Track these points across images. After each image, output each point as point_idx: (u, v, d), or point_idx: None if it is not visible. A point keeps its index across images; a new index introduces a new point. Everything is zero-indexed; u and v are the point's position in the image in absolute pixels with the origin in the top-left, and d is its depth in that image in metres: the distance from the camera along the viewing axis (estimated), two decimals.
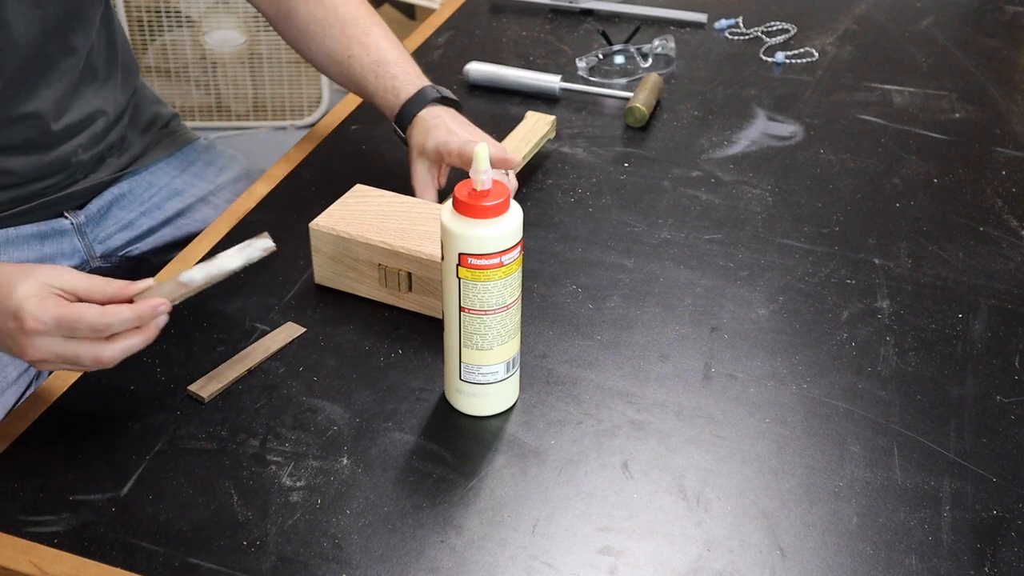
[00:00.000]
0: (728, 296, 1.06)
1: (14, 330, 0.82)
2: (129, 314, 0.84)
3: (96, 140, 1.19)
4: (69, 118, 1.15)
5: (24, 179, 1.14)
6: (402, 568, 0.79)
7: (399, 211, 1.04)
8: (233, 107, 2.81)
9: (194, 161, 1.35)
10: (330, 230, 1.02)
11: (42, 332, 0.82)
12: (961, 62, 1.51)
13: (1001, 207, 1.20)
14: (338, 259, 1.03)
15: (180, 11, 2.66)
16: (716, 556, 0.81)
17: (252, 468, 0.87)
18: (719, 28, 1.60)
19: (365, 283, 1.03)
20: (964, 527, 0.83)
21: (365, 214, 1.04)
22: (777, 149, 1.30)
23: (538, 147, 1.25)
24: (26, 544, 0.81)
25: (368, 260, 1.01)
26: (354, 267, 1.03)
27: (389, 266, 1.00)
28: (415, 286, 1.00)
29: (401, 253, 0.99)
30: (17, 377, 1.11)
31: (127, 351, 0.85)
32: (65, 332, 0.82)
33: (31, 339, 0.82)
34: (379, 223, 1.02)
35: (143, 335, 0.85)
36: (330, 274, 1.05)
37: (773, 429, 0.91)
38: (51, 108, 1.12)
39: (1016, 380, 0.96)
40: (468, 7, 1.65)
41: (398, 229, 1.01)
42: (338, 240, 1.02)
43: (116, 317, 0.83)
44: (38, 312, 0.81)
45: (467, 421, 0.92)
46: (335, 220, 1.03)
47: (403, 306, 1.02)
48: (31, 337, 0.82)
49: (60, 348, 0.83)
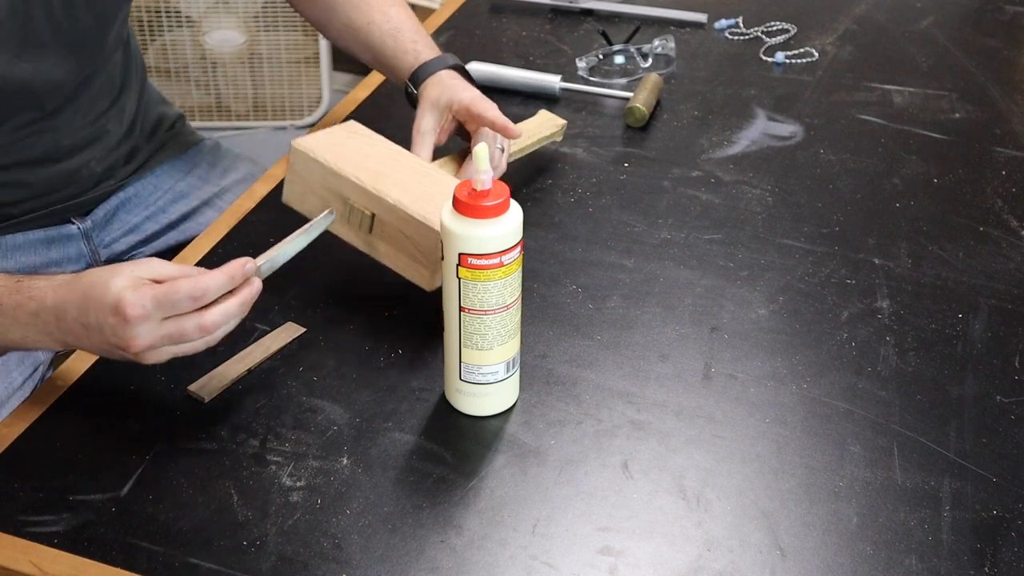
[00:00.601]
0: (728, 296, 1.06)
1: (117, 324, 0.82)
2: (220, 276, 0.84)
3: (109, 152, 1.20)
4: (86, 132, 1.15)
5: (38, 192, 1.14)
6: (402, 568, 0.79)
7: (382, 154, 1.04)
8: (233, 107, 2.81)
9: (199, 163, 1.35)
10: (309, 152, 1.01)
11: (143, 317, 0.82)
12: (961, 62, 1.51)
13: (1001, 207, 1.20)
14: (309, 183, 1.02)
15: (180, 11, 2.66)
16: (716, 556, 0.81)
17: (252, 468, 0.87)
18: (719, 28, 1.60)
19: None
20: (964, 527, 0.83)
21: (348, 148, 1.03)
22: (777, 149, 1.30)
23: (539, 145, 1.24)
24: (26, 544, 0.81)
25: (337, 192, 1.00)
26: (322, 196, 1.02)
27: (355, 203, 0.99)
28: (376, 229, 0.99)
29: (370, 192, 0.98)
30: (22, 382, 1.12)
31: (227, 315, 0.85)
32: (165, 311, 0.82)
33: (134, 328, 0.82)
34: (359, 159, 1.01)
35: (238, 299, 0.85)
36: (298, 196, 1.04)
37: (773, 429, 0.91)
38: (71, 124, 1.13)
39: (1016, 380, 0.96)
40: (468, 7, 1.65)
41: (375, 170, 1.00)
42: (314, 164, 1.01)
43: (210, 280, 0.83)
44: (136, 299, 0.82)
45: (467, 421, 0.92)
46: (318, 144, 1.02)
47: (358, 246, 1.01)
48: (134, 325, 0.82)
49: (164, 329, 0.83)
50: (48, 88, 1.07)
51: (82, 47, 1.09)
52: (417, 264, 0.98)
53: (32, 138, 1.09)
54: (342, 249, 1.11)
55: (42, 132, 1.10)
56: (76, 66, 1.09)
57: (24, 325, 0.88)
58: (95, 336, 0.85)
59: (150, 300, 0.82)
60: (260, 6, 2.67)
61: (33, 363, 1.14)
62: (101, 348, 0.86)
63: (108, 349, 0.85)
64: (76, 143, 1.14)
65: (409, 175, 1.01)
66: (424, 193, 0.99)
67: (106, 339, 0.84)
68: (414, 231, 0.96)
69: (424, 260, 0.97)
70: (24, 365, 1.13)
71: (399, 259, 0.99)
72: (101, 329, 0.84)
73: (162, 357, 0.85)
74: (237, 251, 1.09)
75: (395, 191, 0.98)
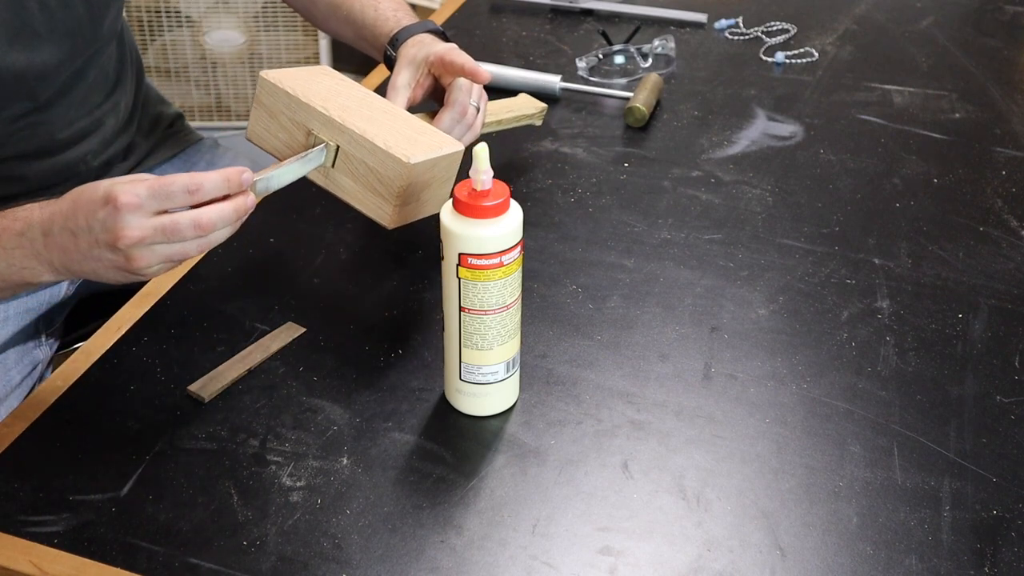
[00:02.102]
0: (728, 296, 1.06)
1: (107, 217, 0.79)
2: (217, 175, 0.82)
3: (105, 145, 1.20)
4: (81, 124, 1.15)
5: (34, 187, 1.14)
6: (402, 568, 0.79)
7: (353, 94, 1.03)
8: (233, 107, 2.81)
9: (197, 162, 1.35)
10: (277, 83, 0.99)
11: (135, 206, 0.79)
12: (961, 62, 1.51)
13: (1001, 207, 1.20)
14: (275, 115, 1.00)
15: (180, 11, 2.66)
16: (716, 556, 0.81)
17: (252, 468, 0.87)
18: (719, 28, 1.60)
19: (293, 148, 1.00)
20: (964, 527, 0.83)
21: (319, 85, 1.02)
22: (777, 149, 1.30)
23: (515, 123, 1.24)
24: (26, 544, 0.81)
25: (302, 123, 0.98)
26: (287, 128, 0.99)
27: (320, 134, 0.97)
28: (339, 163, 0.97)
29: (336, 123, 0.96)
30: (20, 381, 1.12)
31: (222, 216, 0.82)
32: (159, 201, 0.80)
33: (125, 216, 0.79)
34: (328, 95, 1.00)
35: (232, 203, 0.83)
36: (262, 130, 1.02)
37: (773, 429, 0.91)
38: (65, 116, 1.13)
39: (1016, 380, 0.96)
40: (468, 7, 1.65)
41: (343, 105, 0.99)
42: (281, 94, 0.99)
43: (205, 177, 0.81)
44: (129, 188, 0.79)
45: (467, 421, 0.92)
46: (285, 76, 1.01)
47: (317, 181, 0.99)
48: (125, 214, 0.79)
49: (157, 221, 0.80)
50: (41, 77, 1.07)
51: (75, 37, 1.08)
52: (378, 198, 0.96)
53: (26, 131, 1.09)
54: (342, 249, 1.11)
55: (36, 125, 1.10)
56: (69, 56, 1.09)
57: (10, 251, 0.84)
58: (83, 240, 0.81)
59: (144, 189, 0.79)
60: (260, 6, 2.67)
61: (32, 362, 1.14)
62: (89, 255, 0.82)
63: (96, 255, 0.81)
64: (71, 136, 1.14)
65: (378, 113, 1.00)
66: (391, 128, 0.97)
67: (95, 238, 0.80)
68: (378, 163, 0.94)
69: (386, 193, 0.95)
70: (23, 364, 1.13)
71: (360, 194, 0.97)
72: (90, 229, 0.80)
73: (154, 258, 0.81)
74: (237, 251, 1.10)
75: (361, 123, 0.96)
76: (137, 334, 1.00)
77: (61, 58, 1.07)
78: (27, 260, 0.84)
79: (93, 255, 0.82)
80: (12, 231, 0.84)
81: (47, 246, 0.83)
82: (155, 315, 1.02)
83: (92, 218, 0.80)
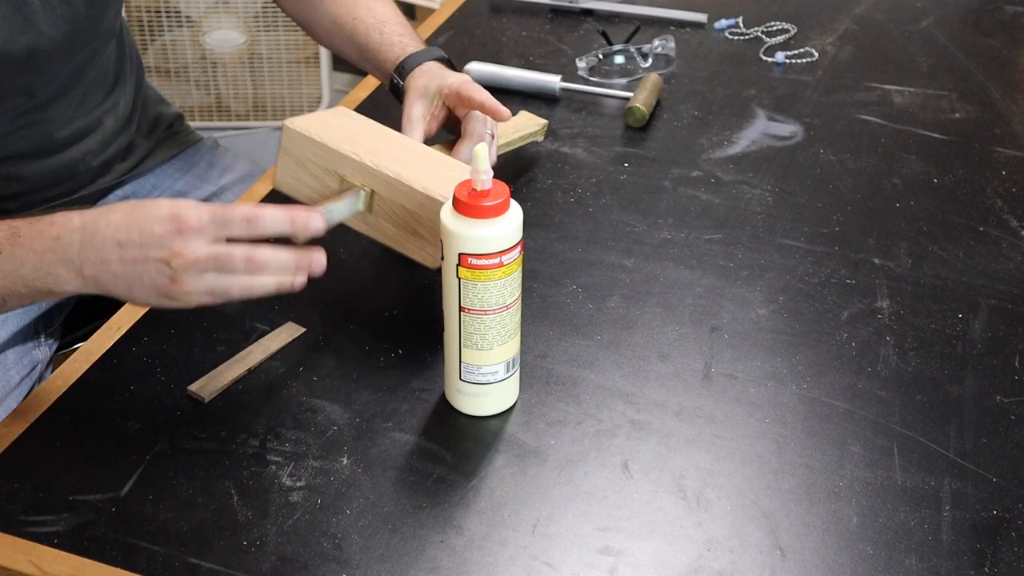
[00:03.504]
0: (728, 296, 1.06)
1: (167, 234, 0.79)
2: (281, 213, 0.82)
3: (105, 145, 1.20)
4: (80, 123, 1.15)
5: (33, 187, 1.14)
6: (402, 568, 0.79)
7: (377, 135, 1.03)
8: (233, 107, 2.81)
9: (197, 163, 1.35)
10: (303, 130, 0.99)
11: (199, 229, 0.79)
12: (961, 62, 1.51)
13: (1001, 207, 1.20)
14: (303, 163, 1.00)
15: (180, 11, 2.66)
16: (716, 556, 0.81)
17: (252, 468, 0.87)
18: (719, 28, 1.59)
19: (325, 196, 0.99)
20: (964, 527, 0.83)
21: (342, 128, 1.01)
22: (777, 149, 1.30)
23: (521, 142, 1.25)
24: (26, 544, 0.81)
25: (334, 170, 0.98)
26: (317, 176, 0.99)
27: (353, 180, 0.97)
28: (377, 207, 0.97)
29: (368, 168, 0.96)
30: (20, 381, 1.12)
31: (277, 259, 0.82)
32: (220, 228, 0.80)
33: (188, 238, 0.79)
34: (354, 137, 1.00)
35: (292, 254, 0.83)
36: (291, 179, 1.01)
37: (773, 429, 0.91)
38: (65, 116, 1.12)
39: (1016, 380, 0.96)
40: (468, 7, 1.65)
41: (370, 147, 0.98)
42: (308, 142, 0.99)
43: (267, 209, 0.82)
44: (195, 210, 0.79)
45: (467, 421, 0.92)
46: (310, 123, 1.00)
47: (356, 227, 0.99)
48: (188, 236, 0.79)
49: (213, 248, 0.80)
50: (39, 71, 1.06)
51: (74, 32, 1.08)
52: (419, 239, 0.96)
53: (26, 129, 1.09)
54: (342, 249, 1.11)
55: (35, 123, 1.10)
56: (68, 51, 1.08)
57: (41, 254, 0.83)
58: (130, 252, 0.80)
59: (207, 214, 0.80)
60: (260, 6, 2.67)
61: (31, 362, 1.14)
62: (132, 269, 0.81)
63: (141, 270, 0.81)
64: (70, 135, 1.14)
65: (404, 152, 1.00)
66: (422, 167, 0.97)
67: (146, 253, 0.80)
68: (416, 205, 0.94)
69: (427, 234, 0.95)
70: (22, 364, 1.13)
71: (401, 236, 0.97)
72: (143, 244, 0.80)
73: (199, 285, 0.81)
74: None
75: (393, 165, 0.96)
76: (137, 334, 1.00)
77: (60, 53, 1.07)
78: (56, 266, 0.83)
79: (137, 269, 0.81)
80: (48, 235, 0.83)
81: (82, 252, 0.82)
82: (155, 315, 1.02)
83: (148, 233, 0.80)
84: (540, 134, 1.28)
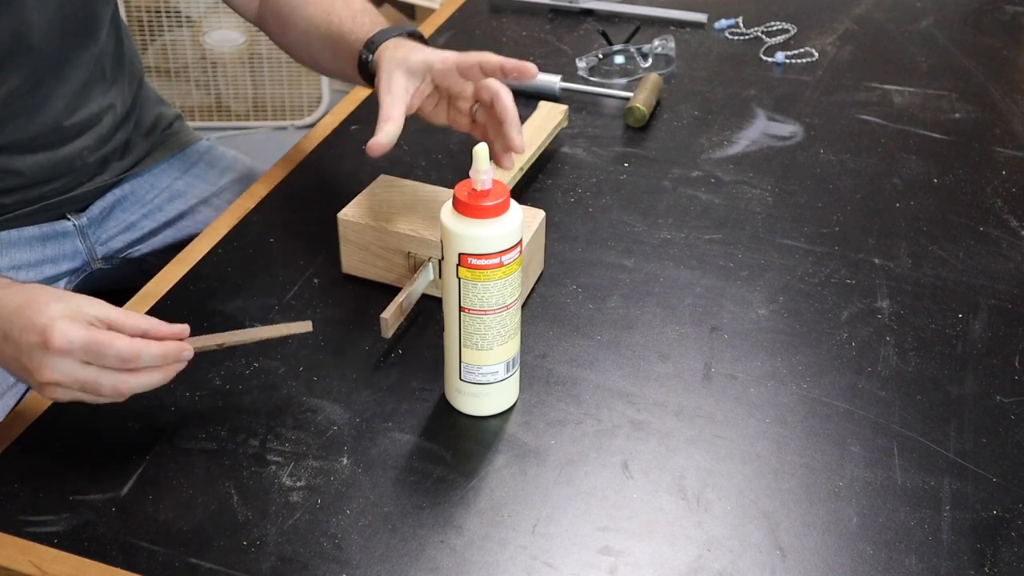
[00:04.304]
0: (728, 296, 1.06)
1: (36, 345, 0.80)
2: (157, 350, 0.82)
3: (102, 142, 1.20)
4: (77, 118, 1.15)
5: (29, 181, 1.14)
6: (402, 568, 0.79)
7: (425, 199, 1.05)
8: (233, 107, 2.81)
9: (196, 163, 1.35)
10: (358, 220, 1.02)
11: (66, 352, 0.79)
12: (961, 62, 1.51)
13: (1001, 207, 1.20)
14: (366, 248, 1.03)
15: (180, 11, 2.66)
16: (716, 556, 0.81)
17: (252, 468, 0.87)
18: (719, 28, 1.60)
19: (394, 271, 1.03)
20: (964, 527, 0.83)
21: (392, 203, 1.04)
22: (777, 149, 1.30)
23: (552, 136, 1.25)
24: (26, 544, 0.81)
25: (397, 248, 1.02)
26: (382, 255, 1.03)
27: (418, 254, 1.00)
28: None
29: (430, 241, 0.99)
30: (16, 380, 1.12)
31: (145, 386, 0.83)
32: (90, 357, 0.80)
33: (52, 359, 0.80)
34: (407, 211, 1.03)
35: (163, 373, 0.84)
36: (358, 263, 1.05)
37: (773, 429, 0.91)
38: (61, 108, 1.12)
39: (1016, 380, 0.96)
40: (468, 7, 1.65)
41: (426, 217, 1.02)
42: (366, 229, 1.02)
43: (145, 350, 0.81)
44: (68, 331, 0.79)
45: (467, 421, 0.92)
46: (363, 209, 1.04)
47: (433, 293, 1.02)
48: (53, 357, 0.79)
49: (80, 372, 0.80)
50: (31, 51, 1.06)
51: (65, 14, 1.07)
52: None
53: (21, 117, 1.09)
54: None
55: (31, 111, 1.09)
56: (59, 34, 1.08)
57: None
58: (8, 349, 0.82)
59: (81, 339, 0.79)
60: None
61: None
62: (8, 364, 0.83)
63: (15, 369, 0.83)
64: (66, 129, 1.14)
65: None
66: None
67: (18, 357, 0.81)
68: None
69: None
70: None
71: None
72: (19, 346, 0.81)
73: (64, 395, 0.82)
74: (237, 251, 1.10)
75: None
76: None
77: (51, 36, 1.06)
78: None
79: (11, 367, 0.83)
80: None
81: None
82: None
83: (23, 339, 0.81)
84: (564, 121, 1.29)
